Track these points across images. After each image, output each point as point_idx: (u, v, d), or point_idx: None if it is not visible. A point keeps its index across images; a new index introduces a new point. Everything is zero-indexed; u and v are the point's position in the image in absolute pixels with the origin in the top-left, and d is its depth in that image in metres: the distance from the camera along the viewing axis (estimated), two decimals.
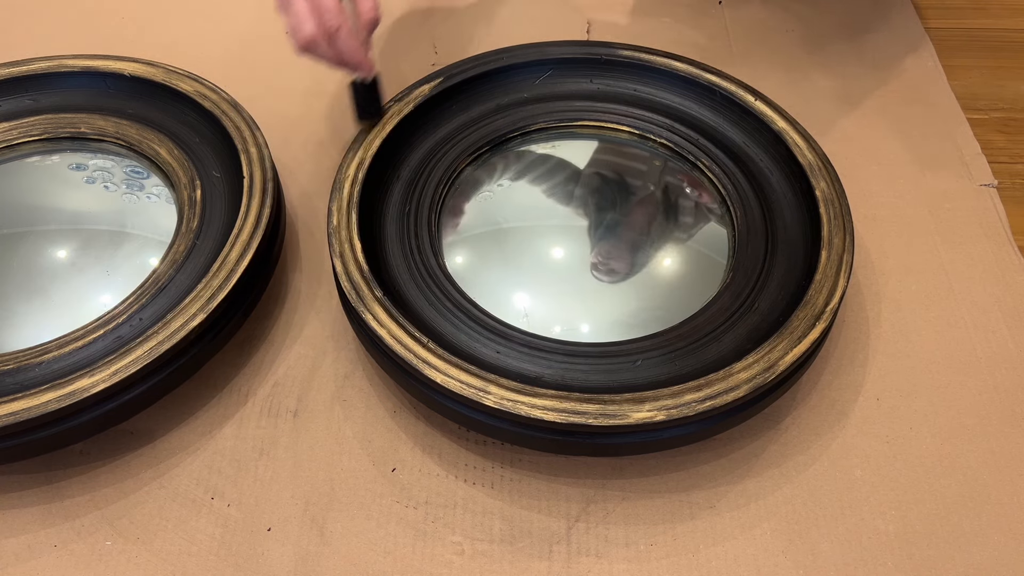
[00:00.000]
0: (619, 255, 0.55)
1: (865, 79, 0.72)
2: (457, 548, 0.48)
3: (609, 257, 0.54)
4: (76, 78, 0.62)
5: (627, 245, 0.56)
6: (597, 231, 0.56)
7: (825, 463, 0.51)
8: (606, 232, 0.56)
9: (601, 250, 0.54)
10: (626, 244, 0.56)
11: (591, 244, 0.55)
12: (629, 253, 0.55)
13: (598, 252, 0.54)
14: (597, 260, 0.54)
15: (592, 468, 0.51)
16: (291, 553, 0.47)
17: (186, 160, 0.59)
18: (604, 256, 0.54)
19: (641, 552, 0.47)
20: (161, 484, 0.50)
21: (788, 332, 0.48)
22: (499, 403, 0.45)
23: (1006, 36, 0.78)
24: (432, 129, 0.61)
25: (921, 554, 0.47)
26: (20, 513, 0.49)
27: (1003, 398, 0.53)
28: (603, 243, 0.55)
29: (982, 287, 0.58)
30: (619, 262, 0.54)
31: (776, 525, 0.48)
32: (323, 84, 0.72)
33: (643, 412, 0.45)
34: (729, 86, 0.61)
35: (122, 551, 0.47)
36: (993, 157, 0.66)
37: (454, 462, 0.51)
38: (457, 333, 0.51)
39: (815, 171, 0.56)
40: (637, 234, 0.57)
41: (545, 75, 0.64)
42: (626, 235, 0.57)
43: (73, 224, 0.58)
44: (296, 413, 0.53)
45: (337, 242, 0.52)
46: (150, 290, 0.52)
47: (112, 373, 0.46)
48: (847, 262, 0.51)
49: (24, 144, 0.61)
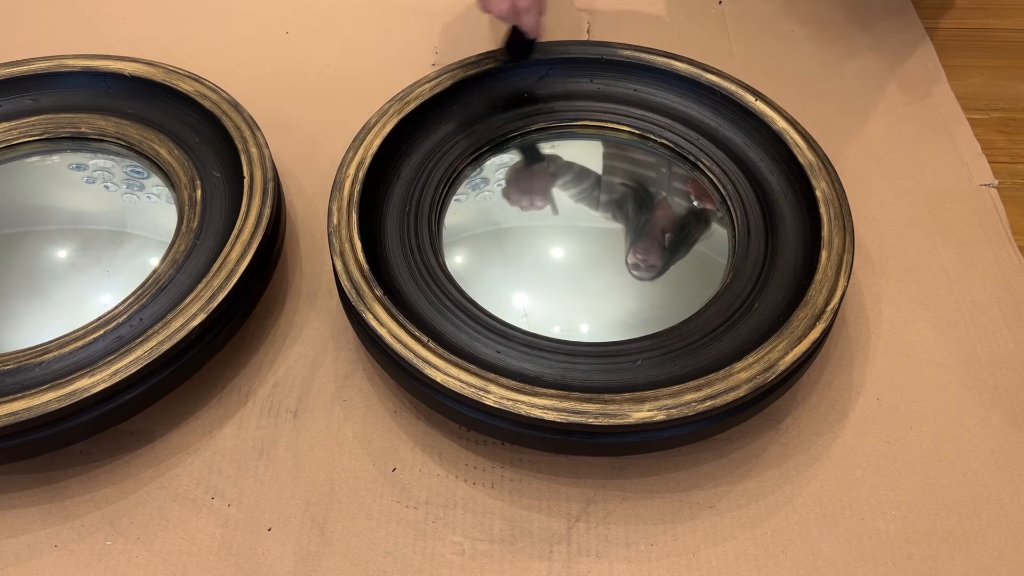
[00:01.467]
0: (656, 252, 0.57)
1: (865, 79, 0.72)
2: (457, 548, 0.48)
3: (648, 254, 0.56)
4: (76, 78, 0.62)
5: (659, 242, 0.58)
6: (632, 233, 0.58)
7: (825, 463, 0.51)
8: (639, 234, 0.58)
9: (639, 248, 0.57)
10: (658, 241, 0.58)
11: (627, 245, 0.57)
12: (661, 249, 0.57)
13: (636, 251, 0.56)
14: (637, 259, 0.56)
15: (592, 468, 0.51)
16: (291, 553, 0.47)
17: (186, 160, 0.59)
18: (644, 254, 0.56)
19: (641, 552, 0.47)
20: (161, 484, 0.50)
21: (788, 332, 0.48)
22: (499, 403, 0.45)
23: (1006, 36, 0.78)
24: (432, 129, 0.61)
25: (921, 554, 0.47)
26: (20, 513, 0.49)
27: (1003, 398, 0.53)
28: (639, 243, 0.57)
29: (982, 287, 0.58)
30: (656, 257, 0.57)
31: (776, 525, 0.48)
32: (323, 84, 0.72)
33: (643, 412, 0.45)
34: (729, 86, 0.61)
35: (122, 551, 0.47)
36: (993, 157, 0.66)
37: (454, 462, 0.51)
38: (457, 333, 0.51)
39: (815, 171, 0.56)
40: (663, 231, 0.59)
41: (545, 75, 0.64)
42: (656, 233, 0.58)
43: (73, 224, 0.58)
44: (296, 413, 0.53)
45: (337, 242, 0.52)
46: (150, 290, 0.52)
47: (112, 373, 0.46)
48: (847, 262, 0.51)
49: (24, 144, 0.61)
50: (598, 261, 0.56)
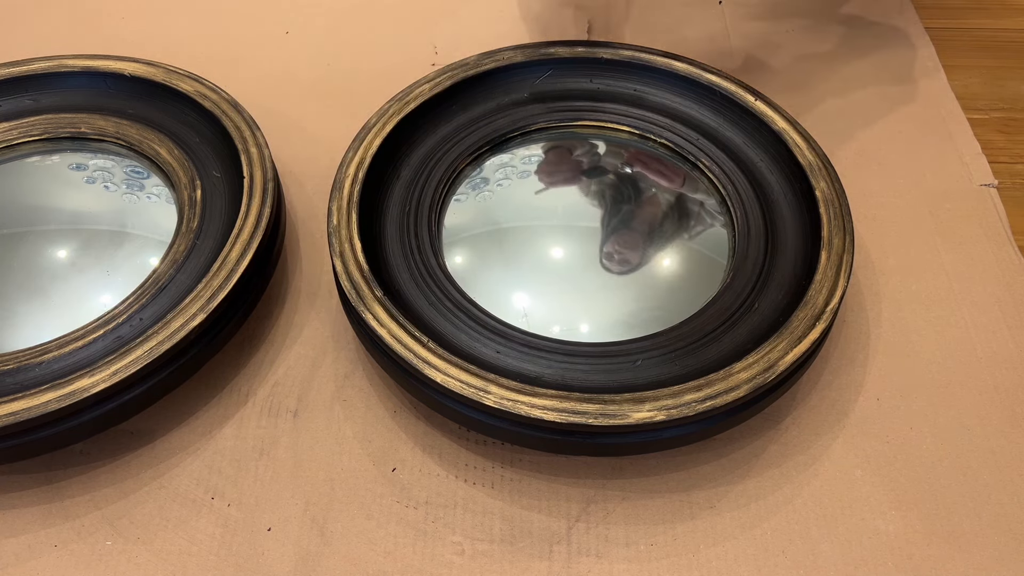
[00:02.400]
0: (633, 246, 0.55)
1: (865, 79, 0.72)
2: (457, 548, 0.48)
3: (625, 247, 0.55)
4: (76, 78, 0.62)
5: (640, 237, 0.56)
6: (612, 222, 0.56)
7: (825, 463, 0.51)
8: (620, 224, 0.57)
9: (617, 240, 0.55)
10: (639, 236, 0.56)
11: (604, 235, 0.56)
12: (642, 245, 0.56)
13: (614, 242, 0.55)
14: (612, 249, 0.54)
15: (592, 468, 0.51)
16: (291, 553, 0.47)
17: (186, 160, 0.59)
18: (620, 246, 0.55)
19: (641, 552, 0.47)
20: (161, 484, 0.50)
21: (788, 332, 0.48)
22: (499, 403, 0.45)
23: (1006, 36, 0.78)
24: (432, 129, 0.61)
25: (921, 554, 0.47)
26: (20, 513, 0.49)
27: (1003, 398, 0.53)
28: (618, 234, 0.56)
29: (982, 287, 0.58)
30: (632, 252, 0.55)
31: (776, 525, 0.48)
32: (323, 84, 0.72)
33: (643, 412, 0.45)
34: (729, 86, 0.61)
35: (122, 551, 0.47)
36: (993, 157, 0.66)
37: (454, 462, 0.51)
38: (457, 333, 0.51)
39: (815, 171, 0.56)
40: (648, 227, 0.57)
41: (545, 75, 0.64)
42: (639, 227, 0.57)
43: (73, 224, 0.58)
44: (296, 413, 0.53)
45: (337, 242, 0.52)
46: (150, 290, 0.52)
47: (112, 373, 0.46)
48: (847, 262, 0.51)
49: (24, 144, 0.61)
50: (598, 261, 0.56)
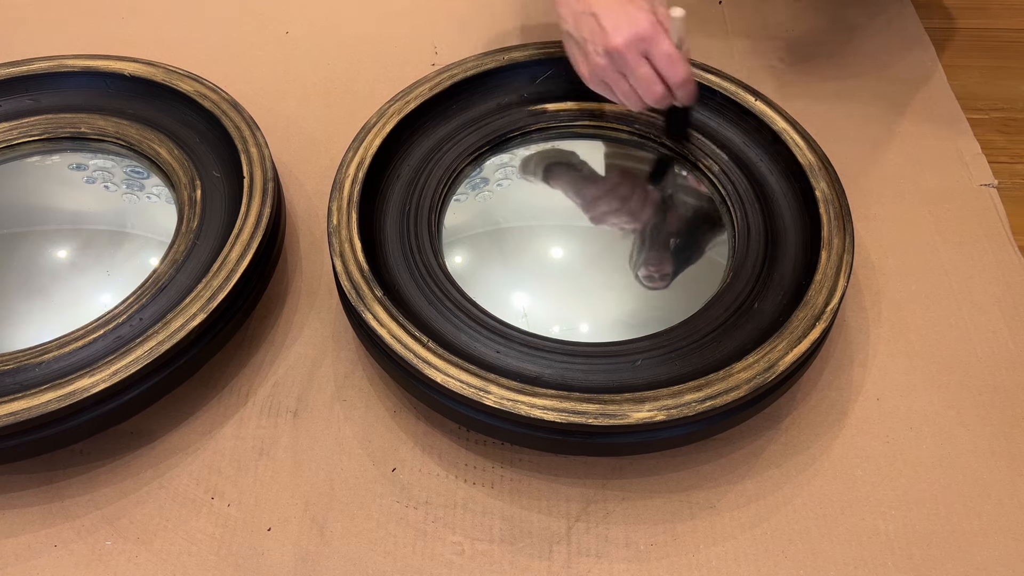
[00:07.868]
0: (665, 260, 0.56)
1: (865, 79, 0.72)
2: (457, 548, 0.48)
3: (660, 264, 0.56)
4: (76, 78, 0.62)
5: (666, 249, 0.57)
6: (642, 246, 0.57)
7: (825, 463, 0.51)
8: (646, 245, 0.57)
9: (650, 259, 0.56)
10: (665, 248, 0.57)
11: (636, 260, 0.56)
12: (670, 255, 0.57)
13: (647, 262, 0.56)
14: (649, 272, 0.55)
15: (592, 468, 0.51)
16: (291, 553, 0.47)
17: (186, 160, 0.59)
18: (656, 264, 0.56)
19: (641, 552, 0.47)
20: (161, 484, 0.50)
21: (788, 332, 0.48)
22: (499, 403, 0.45)
23: (1006, 36, 0.78)
24: (432, 129, 0.61)
25: (921, 554, 0.47)
26: (20, 513, 0.49)
27: (1003, 398, 0.53)
28: (649, 255, 0.56)
29: (982, 287, 0.58)
30: (667, 265, 0.56)
31: (776, 525, 0.48)
32: (323, 84, 0.72)
33: (643, 412, 0.45)
34: (729, 86, 0.61)
35: (122, 551, 0.47)
36: (993, 157, 0.66)
37: (454, 462, 0.51)
38: (457, 333, 0.51)
39: (815, 171, 0.56)
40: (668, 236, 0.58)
41: (545, 75, 0.64)
42: (662, 240, 0.58)
43: (73, 224, 0.58)
44: (296, 413, 0.53)
45: (337, 242, 0.52)
46: (150, 290, 0.52)
47: (112, 373, 0.46)
48: (847, 262, 0.51)
49: (24, 144, 0.61)
50: (598, 261, 0.56)
